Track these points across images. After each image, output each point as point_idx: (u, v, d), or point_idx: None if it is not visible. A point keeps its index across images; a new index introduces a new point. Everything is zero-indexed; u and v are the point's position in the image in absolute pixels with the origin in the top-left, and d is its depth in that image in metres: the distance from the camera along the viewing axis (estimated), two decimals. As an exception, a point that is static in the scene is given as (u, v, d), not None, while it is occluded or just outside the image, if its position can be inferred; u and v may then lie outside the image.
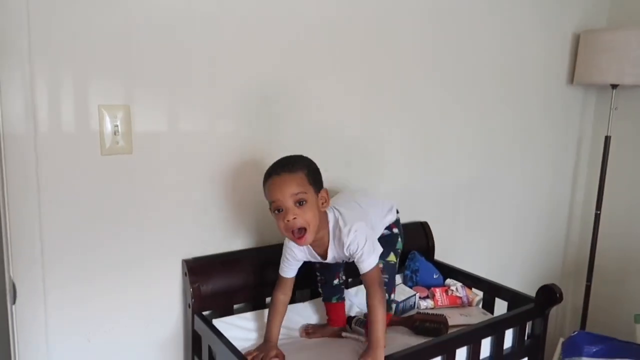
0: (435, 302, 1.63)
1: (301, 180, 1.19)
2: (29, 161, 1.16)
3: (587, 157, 2.53)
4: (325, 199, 1.24)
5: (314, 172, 1.24)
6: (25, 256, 1.17)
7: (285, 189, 1.17)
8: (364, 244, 1.23)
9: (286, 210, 1.17)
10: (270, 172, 1.22)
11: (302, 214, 1.17)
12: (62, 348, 1.25)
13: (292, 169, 1.19)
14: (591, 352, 2.00)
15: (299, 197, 1.17)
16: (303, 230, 1.18)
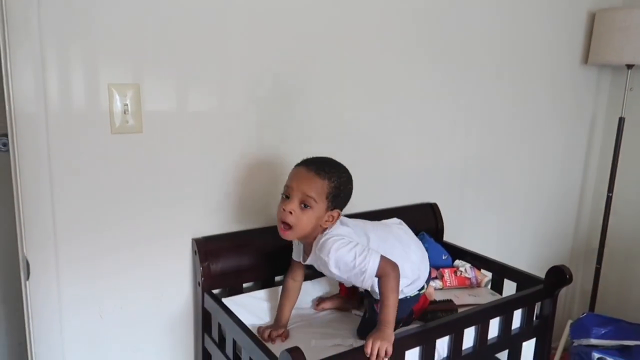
0: (443, 282, 1.63)
1: (321, 188, 1.17)
2: (41, 140, 1.16)
3: (600, 139, 2.49)
4: (332, 219, 1.20)
5: (340, 190, 1.20)
6: (39, 234, 1.19)
7: (302, 184, 1.16)
8: (347, 266, 1.15)
9: (291, 200, 1.17)
10: (304, 162, 1.22)
11: (299, 215, 1.16)
12: (76, 323, 1.28)
13: (321, 173, 1.17)
14: (600, 334, 2.00)
15: (308, 201, 1.16)
16: (288, 226, 1.17)
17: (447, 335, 1.27)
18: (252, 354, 1.13)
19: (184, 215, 1.38)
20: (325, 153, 1.59)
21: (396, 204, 1.81)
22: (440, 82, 1.83)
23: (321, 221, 1.19)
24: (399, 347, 1.17)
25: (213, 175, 1.41)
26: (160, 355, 1.42)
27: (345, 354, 1.10)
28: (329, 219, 1.20)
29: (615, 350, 1.94)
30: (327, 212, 1.19)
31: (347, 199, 1.24)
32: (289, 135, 1.52)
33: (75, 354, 1.29)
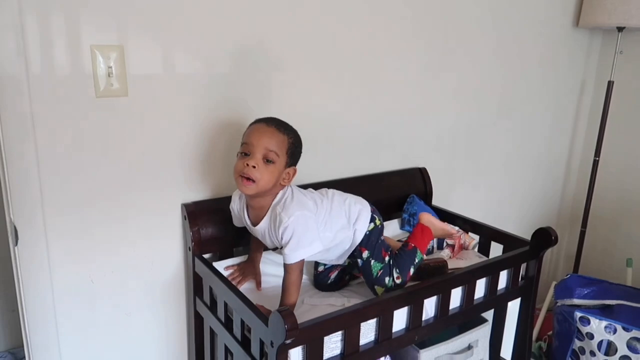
0: (453, 253, 1.62)
1: (282, 143, 1.18)
2: (24, 105, 1.14)
3: (588, 103, 2.50)
4: (289, 176, 1.22)
5: (297, 147, 1.23)
6: (25, 199, 1.18)
7: (265, 140, 1.16)
8: (293, 236, 1.18)
9: (252, 156, 1.16)
10: (261, 120, 1.21)
11: (262, 170, 1.16)
12: (67, 289, 1.28)
13: (281, 129, 1.19)
14: (582, 294, 2.05)
15: (271, 155, 1.16)
16: (251, 181, 1.16)
17: (435, 296, 1.30)
18: (243, 315, 1.14)
19: (173, 180, 1.37)
20: (315, 117, 1.59)
21: (385, 169, 1.81)
22: (428, 48, 1.80)
23: (279, 178, 1.20)
24: (387, 307, 1.20)
25: (201, 140, 1.39)
26: (152, 319, 1.43)
27: (339, 314, 1.11)
28: (286, 176, 1.22)
29: (597, 309, 1.99)
30: (285, 169, 1.20)
31: (299, 158, 1.26)
32: (277, 99, 1.50)
33: (68, 319, 1.30)
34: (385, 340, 1.22)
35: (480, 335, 1.50)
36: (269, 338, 1.03)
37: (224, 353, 1.29)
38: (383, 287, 1.30)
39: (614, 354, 1.90)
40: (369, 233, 1.33)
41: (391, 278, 1.30)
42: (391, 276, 1.30)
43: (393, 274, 1.31)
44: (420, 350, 1.37)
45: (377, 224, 1.35)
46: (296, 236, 1.18)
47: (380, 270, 1.30)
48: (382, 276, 1.30)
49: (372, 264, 1.31)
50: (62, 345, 1.32)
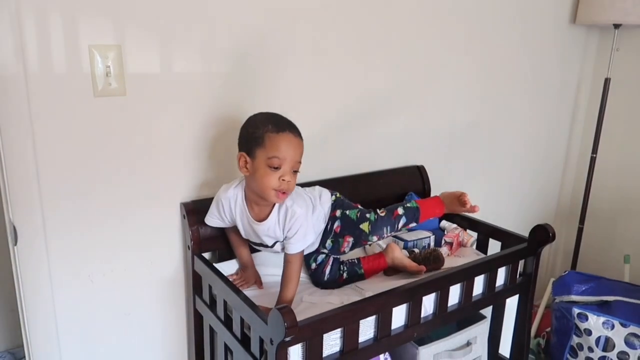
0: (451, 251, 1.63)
1: (303, 151, 1.21)
2: (22, 104, 1.14)
3: (586, 100, 2.51)
4: None
5: None
6: (24, 199, 1.18)
7: (297, 154, 1.18)
8: (300, 227, 1.23)
9: (284, 172, 1.17)
10: (283, 127, 1.17)
11: (292, 182, 1.19)
12: (66, 287, 1.28)
13: (300, 136, 1.20)
14: (580, 291, 2.06)
15: (297, 166, 1.19)
16: (285, 193, 1.20)
17: (433, 293, 1.30)
18: (243, 313, 1.15)
19: (172, 179, 1.38)
20: (312, 117, 1.59)
21: (383, 167, 1.82)
22: (426, 45, 1.81)
23: None
24: (386, 304, 1.20)
25: (200, 139, 1.40)
26: (152, 317, 1.44)
27: (338, 311, 1.12)
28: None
29: (595, 305, 2.00)
30: None
31: None
32: (275, 98, 1.50)
33: (68, 318, 1.31)
34: (384, 337, 1.23)
35: (478, 332, 1.50)
36: (268, 336, 1.03)
37: (224, 351, 1.29)
38: (367, 222, 1.35)
39: (611, 350, 1.91)
40: (334, 202, 1.40)
41: (374, 213, 1.37)
42: (374, 213, 1.37)
43: (376, 211, 1.38)
44: (419, 347, 1.38)
45: (338, 195, 1.43)
46: (303, 227, 1.24)
47: (358, 213, 1.37)
48: (363, 214, 1.37)
49: (348, 213, 1.37)
50: (62, 344, 1.32)
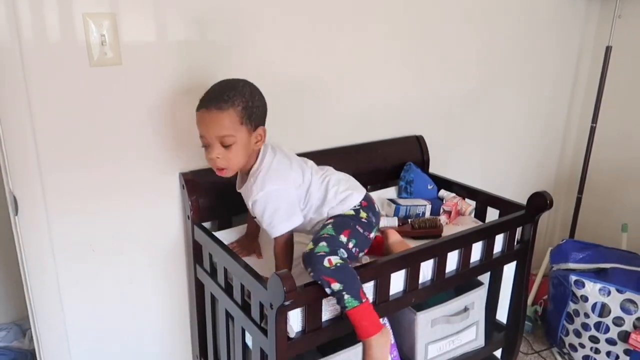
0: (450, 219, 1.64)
1: (231, 121, 1.10)
2: (17, 73, 1.13)
3: (587, 69, 2.48)
4: (260, 137, 1.17)
5: (250, 108, 1.13)
6: (23, 168, 1.18)
7: (212, 129, 1.11)
8: (265, 211, 1.16)
9: (211, 148, 1.13)
10: (201, 104, 1.13)
11: (226, 155, 1.13)
12: (68, 257, 1.30)
13: (222, 106, 1.10)
14: (577, 259, 2.09)
15: (225, 140, 1.11)
16: (223, 169, 1.16)
17: (431, 259, 1.32)
18: (243, 280, 1.17)
19: (170, 149, 1.38)
20: (306, 85, 1.58)
21: (382, 137, 1.82)
22: (425, 13, 1.78)
23: (251, 146, 1.16)
24: (385, 270, 1.22)
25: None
26: (154, 286, 1.46)
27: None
28: (257, 139, 1.17)
29: (592, 272, 2.03)
30: (252, 135, 1.15)
31: (263, 111, 1.18)
32: (270, 64, 1.49)
33: (71, 287, 1.32)
34: (383, 302, 1.25)
35: (476, 298, 1.52)
36: (268, 300, 1.05)
37: (225, 318, 1.31)
38: (313, 246, 1.11)
39: (607, 316, 1.95)
40: (342, 215, 1.22)
41: (328, 250, 1.09)
42: (329, 250, 1.09)
43: (333, 255, 1.09)
44: (417, 312, 1.40)
45: (361, 216, 1.23)
46: (268, 212, 1.16)
47: (327, 235, 1.14)
48: (323, 240, 1.13)
49: (327, 227, 1.17)
50: (67, 314, 1.34)
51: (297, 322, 1.12)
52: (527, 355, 2.21)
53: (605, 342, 1.98)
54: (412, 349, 1.44)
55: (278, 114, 1.36)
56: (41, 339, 1.33)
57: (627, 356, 1.96)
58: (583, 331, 2.03)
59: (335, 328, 1.17)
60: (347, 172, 1.62)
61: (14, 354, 2.08)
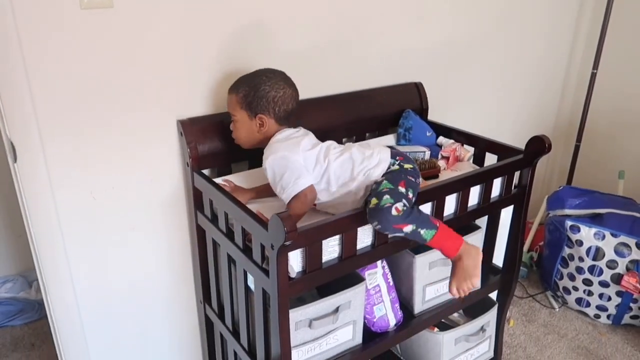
0: (448, 164, 1.65)
1: (234, 103, 1.32)
2: (7, 17, 1.10)
3: (589, 13, 2.43)
4: (261, 124, 1.31)
5: (250, 96, 1.29)
6: (20, 115, 1.17)
7: (228, 107, 1.35)
8: (275, 176, 1.23)
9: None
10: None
11: (234, 128, 1.35)
12: (69, 204, 1.30)
13: (232, 91, 1.32)
14: (574, 204, 2.12)
15: (232, 116, 1.34)
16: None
17: (429, 202, 1.33)
18: (244, 223, 1.18)
19: (167, 96, 1.36)
20: (303, 33, 1.55)
21: (381, 84, 1.80)
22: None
23: (254, 129, 1.32)
24: (383, 212, 1.23)
25: (195, 52, 1.37)
26: (156, 233, 1.48)
27: (336, 218, 1.15)
28: (259, 125, 1.31)
29: (587, 217, 2.06)
30: (253, 120, 1.31)
31: (265, 101, 1.29)
32: (269, 11, 1.45)
33: (73, 235, 1.33)
34: (382, 244, 1.27)
35: (473, 241, 1.54)
36: (269, 241, 1.06)
37: (227, 262, 1.34)
38: (377, 200, 1.13)
39: (601, 259, 1.99)
40: (390, 172, 1.23)
41: (393, 200, 1.11)
42: (394, 200, 1.11)
43: (398, 203, 1.11)
44: (415, 255, 1.43)
45: (405, 167, 1.24)
46: (278, 176, 1.22)
47: (387, 189, 1.15)
48: (384, 193, 1.14)
49: (383, 183, 1.18)
50: (71, 261, 1.36)
51: (298, 263, 1.14)
52: (521, 299, 2.27)
53: (599, 284, 2.03)
54: (410, 290, 1.48)
55: (276, 62, 1.34)
56: (48, 286, 1.35)
57: (619, 297, 2.02)
58: (577, 274, 2.08)
59: (334, 269, 1.20)
60: (346, 119, 1.61)
61: (22, 305, 2.14)
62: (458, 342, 1.61)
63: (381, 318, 1.42)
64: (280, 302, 1.10)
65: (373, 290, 1.40)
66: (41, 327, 2.05)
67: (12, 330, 2.05)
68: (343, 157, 1.26)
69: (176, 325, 1.62)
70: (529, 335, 2.07)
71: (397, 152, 1.30)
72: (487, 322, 1.67)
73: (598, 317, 2.11)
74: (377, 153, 1.26)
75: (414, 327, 1.49)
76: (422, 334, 1.58)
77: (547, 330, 2.10)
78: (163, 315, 1.58)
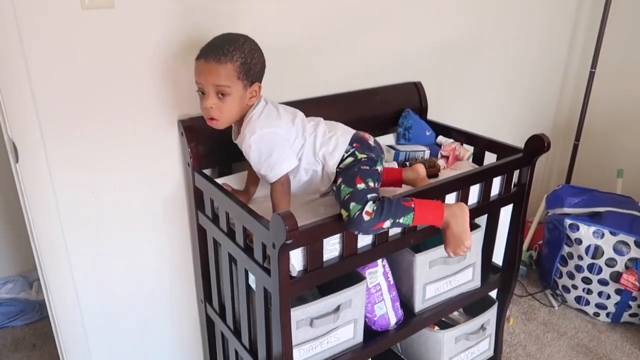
0: (447, 163, 1.66)
1: (229, 73, 1.13)
2: (9, 17, 1.10)
3: (587, 12, 2.44)
4: (255, 93, 1.20)
5: (249, 63, 1.15)
6: (21, 115, 1.17)
7: (210, 78, 1.14)
8: (260, 156, 1.18)
9: (207, 96, 1.16)
10: (200, 54, 1.16)
11: (219, 106, 1.16)
12: (70, 204, 1.30)
13: (222, 59, 1.12)
14: (572, 203, 2.12)
15: (221, 89, 1.14)
16: (215, 119, 1.18)
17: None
18: (245, 222, 1.18)
19: (168, 96, 1.37)
20: (304, 32, 1.55)
21: (380, 84, 1.80)
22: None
23: (245, 100, 1.19)
24: (384, 211, 1.23)
25: (195, 52, 1.36)
26: (157, 233, 1.48)
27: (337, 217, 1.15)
28: (252, 95, 1.20)
29: (586, 216, 2.07)
30: (247, 90, 1.18)
31: (261, 68, 1.21)
32: (269, 10, 1.46)
33: (74, 235, 1.34)
34: (382, 243, 1.27)
35: (473, 240, 1.55)
36: (270, 240, 1.07)
37: (228, 261, 1.34)
38: (347, 212, 1.13)
39: (600, 257, 2.00)
40: (345, 167, 1.22)
41: (360, 206, 1.12)
42: (361, 205, 1.12)
43: (365, 206, 1.12)
44: (415, 254, 1.43)
45: (359, 158, 1.23)
46: (264, 156, 1.17)
47: (348, 195, 1.15)
48: (349, 201, 1.13)
49: (342, 188, 1.18)
50: (73, 262, 1.36)
51: (299, 262, 1.15)
52: (521, 298, 2.28)
53: (598, 282, 2.04)
54: (411, 289, 1.48)
55: (275, 61, 1.34)
56: (49, 287, 1.35)
57: (618, 295, 2.03)
58: (576, 273, 2.09)
59: (335, 268, 1.20)
60: (345, 119, 1.61)
61: (22, 305, 2.13)
62: (458, 340, 1.61)
63: (382, 317, 1.42)
64: (281, 301, 1.11)
65: (374, 289, 1.40)
66: (42, 328, 2.05)
67: (12, 331, 2.05)
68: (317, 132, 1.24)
69: (177, 325, 1.62)
70: (529, 334, 2.08)
71: (356, 138, 1.26)
72: (487, 321, 1.67)
73: (597, 315, 2.12)
74: (335, 137, 1.25)
75: (415, 325, 1.50)
76: (422, 333, 1.59)
77: (546, 328, 2.11)
78: (164, 315, 1.58)
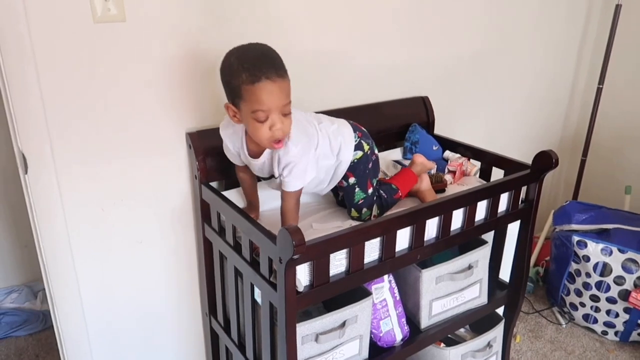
0: (454, 178, 1.66)
1: (289, 88, 1.09)
2: (21, 30, 1.12)
3: (595, 28, 2.44)
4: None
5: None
6: (32, 128, 1.18)
7: (280, 99, 1.06)
8: (295, 166, 1.17)
9: (273, 121, 1.08)
10: (260, 76, 1.04)
11: (285, 125, 1.10)
12: (78, 215, 1.31)
13: (283, 74, 1.07)
14: (580, 219, 2.11)
15: (287, 108, 1.09)
16: (281, 141, 1.13)
17: (437, 216, 1.33)
18: (252, 236, 1.18)
19: (177, 108, 1.37)
20: (314, 45, 1.56)
21: (388, 98, 1.81)
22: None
23: None
24: (391, 226, 1.23)
25: (205, 65, 1.38)
26: (163, 246, 1.48)
27: (344, 232, 1.15)
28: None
29: (594, 233, 2.05)
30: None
31: None
32: (279, 25, 1.47)
33: (81, 247, 1.34)
34: (389, 258, 1.27)
35: (480, 256, 1.54)
36: (277, 255, 1.06)
37: (234, 275, 1.34)
38: (358, 214, 1.37)
39: (608, 275, 1.98)
40: (356, 161, 1.34)
41: (370, 212, 1.37)
42: (370, 210, 1.37)
43: (373, 209, 1.37)
44: (422, 270, 1.42)
45: (366, 150, 1.34)
46: (299, 166, 1.19)
47: (362, 200, 1.36)
48: (362, 205, 1.36)
49: (356, 191, 1.33)
50: (79, 273, 1.37)
51: (305, 277, 1.14)
52: (528, 315, 2.26)
53: (606, 300, 2.01)
54: (417, 305, 1.47)
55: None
56: (55, 298, 1.35)
57: (626, 314, 2.00)
58: (584, 290, 2.06)
59: (342, 283, 1.19)
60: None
61: (27, 315, 2.13)
62: (465, 357, 1.59)
63: (388, 333, 1.41)
64: (287, 316, 1.10)
65: (380, 305, 1.39)
66: (45, 338, 2.04)
67: (16, 341, 2.05)
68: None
69: (182, 338, 1.62)
70: (536, 352, 2.05)
71: (356, 127, 1.36)
72: (493, 338, 1.66)
73: (605, 333, 2.09)
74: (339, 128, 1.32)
75: (421, 342, 1.48)
76: (428, 350, 1.57)
77: (554, 346, 2.08)
78: (168, 328, 1.58)
